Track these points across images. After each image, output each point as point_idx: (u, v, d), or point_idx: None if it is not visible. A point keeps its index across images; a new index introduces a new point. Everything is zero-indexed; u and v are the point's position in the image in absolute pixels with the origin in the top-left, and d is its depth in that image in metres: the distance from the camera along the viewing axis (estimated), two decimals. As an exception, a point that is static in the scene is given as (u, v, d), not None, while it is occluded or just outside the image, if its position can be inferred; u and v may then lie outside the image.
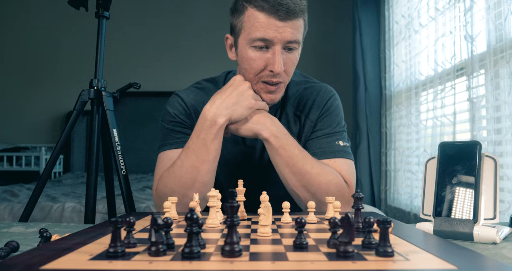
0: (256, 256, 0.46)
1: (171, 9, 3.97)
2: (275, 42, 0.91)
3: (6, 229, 0.84)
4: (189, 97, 1.10)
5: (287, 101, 1.11)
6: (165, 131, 1.08)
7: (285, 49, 0.94)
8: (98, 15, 1.28)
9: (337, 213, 0.75)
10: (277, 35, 0.91)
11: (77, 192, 2.50)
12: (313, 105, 1.09)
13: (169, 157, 1.03)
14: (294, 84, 1.12)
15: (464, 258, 0.46)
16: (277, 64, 0.92)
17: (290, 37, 0.91)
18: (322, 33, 3.88)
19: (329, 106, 1.10)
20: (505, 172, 1.56)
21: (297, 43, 0.94)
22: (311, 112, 1.09)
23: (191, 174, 0.93)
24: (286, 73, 0.97)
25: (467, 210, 0.69)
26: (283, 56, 0.94)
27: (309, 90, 1.12)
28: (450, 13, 2.05)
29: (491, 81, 1.66)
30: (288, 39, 0.91)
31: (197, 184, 0.93)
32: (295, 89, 1.12)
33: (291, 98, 1.11)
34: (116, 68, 3.46)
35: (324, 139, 1.06)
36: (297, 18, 0.92)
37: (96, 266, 0.42)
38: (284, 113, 1.11)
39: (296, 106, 1.11)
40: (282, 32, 0.91)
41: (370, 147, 2.99)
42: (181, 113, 1.08)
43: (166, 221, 0.48)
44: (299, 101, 1.11)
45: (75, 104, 1.24)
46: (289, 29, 0.91)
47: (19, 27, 4.09)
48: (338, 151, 1.04)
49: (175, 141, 1.05)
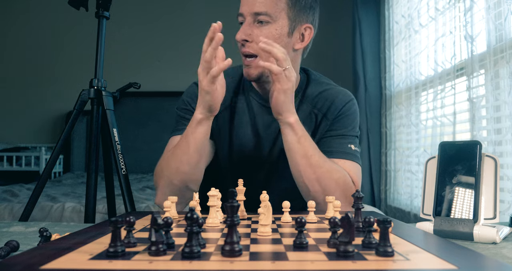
0: (256, 256, 0.46)
1: (171, 9, 3.97)
2: (245, 15, 1.00)
3: (6, 228, 0.84)
4: None
5: (305, 99, 1.12)
6: (177, 118, 1.13)
7: (258, 23, 0.99)
8: (98, 15, 1.28)
9: (337, 213, 0.75)
10: (246, 8, 0.99)
11: (77, 192, 2.50)
12: (332, 105, 1.11)
13: (174, 141, 1.06)
14: (315, 84, 1.14)
15: (464, 258, 0.46)
16: (238, 32, 1.00)
17: (256, 9, 0.98)
18: (322, 33, 3.87)
19: (347, 109, 1.11)
20: (505, 172, 1.56)
21: (266, 15, 0.98)
22: (329, 112, 1.10)
23: (175, 161, 0.98)
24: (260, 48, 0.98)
25: (467, 209, 0.69)
26: (255, 30, 0.99)
27: (329, 92, 1.13)
28: (450, 13, 2.05)
29: (491, 81, 1.66)
30: (255, 10, 0.98)
31: (179, 172, 0.98)
32: (315, 88, 1.13)
33: (309, 96, 1.12)
34: (116, 68, 3.46)
35: (337, 140, 1.08)
36: None
37: (96, 266, 0.42)
38: (301, 109, 1.11)
39: (314, 104, 1.12)
40: (250, 5, 0.99)
41: (370, 147, 2.99)
42: (193, 101, 1.08)
43: (166, 221, 0.48)
44: (318, 100, 1.12)
45: (75, 104, 1.24)
46: (256, 3, 0.98)
47: (19, 27, 4.09)
48: (349, 153, 1.06)
49: (183, 127, 1.06)
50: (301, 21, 1.03)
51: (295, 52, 1.06)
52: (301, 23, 1.03)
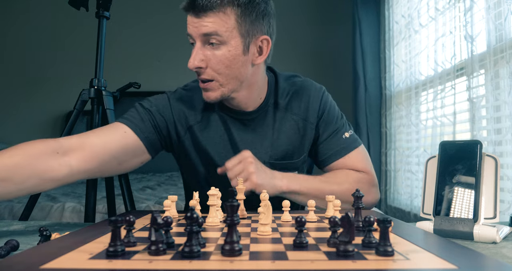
0: (256, 255, 0.46)
1: (171, 9, 3.96)
2: (194, 37, 0.93)
3: (6, 227, 0.84)
4: (177, 108, 1.06)
5: (278, 106, 1.07)
6: (135, 110, 1.04)
7: (209, 45, 0.93)
8: (98, 15, 1.29)
9: (337, 212, 0.75)
10: (194, 29, 0.92)
11: (77, 192, 2.50)
12: (309, 108, 1.07)
13: (117, 127, 0.99)
14: (283, 80, 1.10)
15: (464, 257, 0.46)
16: (190, 59, 0.93)
17: (205, 30, 0.90)
18: (322, 33, 3.88)
19: (325, 105, 1.09)
20: (505, 172, 1.56)
21: (216, 35, 0.91)
22: (309, 116, 1.07)
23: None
24: (214, 71, 0.94)
25: (467, 209, 0.69)
26: (208, 52, 0.93)
27: (300, 92, 1.08)
28: (450, 13, 2.04)
29: (491, 81, 1.66)
30: (203, 32, 0.91)
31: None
32: (285, 87, 1.09)
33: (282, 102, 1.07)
34: (116, 68, 3.46)
35: (331, 139, 1.08)
36: (214, 11, 0.90)
37: (96, 265, 0.42)
38: (278, 118, 1.07)
39: (290, 109, 1.07)
40: (198, 26, 0.91)
41: (370, 147, 2.99)
42: (158, 113, 1.03)
43: (166, 220, 0.48)
44: (292, 104, 1.07)
45: (75, 104, 1.25)
46: (204, 23, 0.90)
47: (19, 27, 4.09)
48: (347, 145, 1.08)
49: (134, 121, 1.00)
50: (256, 34, 0.95)
51: (255, 66, 0.99)
52: (256, 37, 0.95)
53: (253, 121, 1.05)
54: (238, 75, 0.95)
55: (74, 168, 0.89)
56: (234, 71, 0.94)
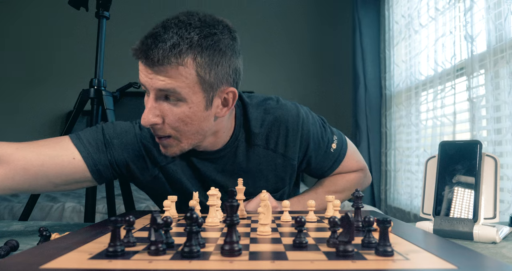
0: (256, 255, 0.46)
1: (171, 9, 3.97)
2: (148, 88, 0.80)
3: (6, 227, 0.84)
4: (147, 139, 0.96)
5: (252, 140, 0.96)
6: (92, 133, 0.93)
7: (166, 99, 0.80)
8: (98, 15, 1.29)
9: (337, 212, 0.75)
10: (148, 80, 0.79)
11: (77, 192, 2.50)
12: (287, 144, 0.97)
13: (61, 141, 0.89)
14: (253, 110, 0.98)
15: (464, 257, 0.46)
16: (143, 114, 0.80)
17: (161, 86, 0.77)
18: (322, 33, 3.88)
19: (307, 137, 0.99)
20: (505, 172, 1.56)
21: (175, 93, 0.78)
22: (289, 152, 0.98)
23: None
24: (172, 128, 0.82)
25: (467, 209, 0.69)
26: (164, 107, 0.80)
27: (275, 123, 0.96)
28: (450, 13, 2.05)
29: (491, 81, 1.66)
30: (158, 87, 0.78)
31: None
32: (256, 118, 0.96)
33: (254, 133, 0.95)
34: (116, 68, 3.46)
35: (323, 159, 1.04)
36: (171, 66, 0.76)
37: (95, 266, 0.42)
38: (252, 154, 0.97)
39: (265, 144, 0.97)
40: (152, 78, 0.78)
41: (370, 147, 2.99)
42: (117, 143, 0.93)
43: (166, 220, 0.48)
44: (268, 137, 0.97)
45: (75, 104, 1.25)
46: (161, 77, 0.77)
47: (19, 27, 4.09)
48: (337, 157, 1.05)
49: (84, 138, 0.90)
50: (221, 86, 0.82)
51: (218, 118, 0.87)
52: (221, 89, 0.82)
53: (222, 159, 0.95)
54: (199, 130, 0.84)
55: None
56: (195, 127, 0.83)
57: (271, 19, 3.83)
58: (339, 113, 3.61)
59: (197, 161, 0.96)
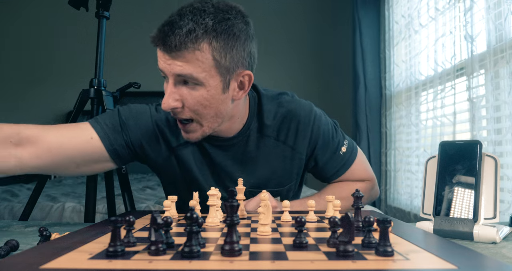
0: (256, 255, 0.46)
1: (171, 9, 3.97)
2: (167, 73, 0.84)
3: (6, 227, 0.84)
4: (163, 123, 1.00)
5: (264, 129, 0.99)
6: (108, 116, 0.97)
7: (184, 84, 0.84)
8: (98, 15, 1.28)
9: (337, 212, 0.75)
10: (166, 66, 0.82)
11: (77, 192, 2.50)
12: (297, 137, 1.00)
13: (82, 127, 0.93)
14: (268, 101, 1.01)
15: (464, 257, 0.46)
16: (164, 99, 0.84)
17: (179, 71, 0.81)
18: (322, 33, 3.88)
19: (317, 133, 1.01)
20: (505, 172, 1.56)
21: (192, 78, 0.81)
22: (298, 146, 1.00)
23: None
24: (192, 111, 0.85)
25: (467, 209, 0.69)
26: (184, 91, 0.84)
27: (288, 116, 0.99)
28: (450, 13, 2.05)
29: (491, 81, 1.66)
30: (177, 72, 0.81)
31: None
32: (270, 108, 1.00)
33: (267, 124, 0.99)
34: (116, 68, 3.46)
35: (330, 160, 1.04)
36: (188, 51, 0.79)
37: (95, 265, 0.42)
38: (262, 144, 1.00)
39: (276, 135, 1.00)
40: (171, 64, 0.81)
41: (370, 147, 2.99)
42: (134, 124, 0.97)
43: (166, 220, 0.48)
44: (279, 129, 1.00)
45: (75, 104, 1.25)
46: (178, 63, 0.81)
47: (19, 27, 4.09)
48: (346, 160, 1.06)
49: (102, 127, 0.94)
50: (237, 70, 0.85)
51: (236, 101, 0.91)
52: (236, 72, 0.86)
53: (233, 147, 0.98)
54: (217, 113, 0.88)
55: (24, 161, 0.85)
56: (214, 110, 0.87)
57: (271, 19, 3.83)
58: (339, 113, 3.61)
59: (209, 146, 0.99)
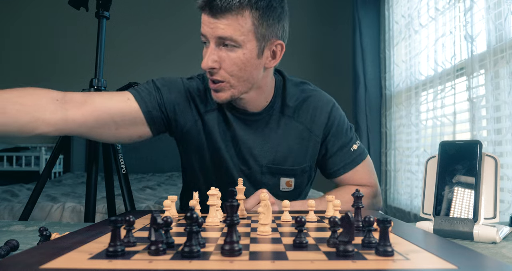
0: (256, 255, 0.46)
1: (171, 9, 3.97)
2: (209, 37, 0.92)
3: (6, 227, 0.84)
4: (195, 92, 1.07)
5: (285, 109, 1.07)
6: (147, 86, 1.04)
7: (224, 46, 0.92)
8: (98, 15, 1.28)
9: (337, 212, 0.75)
10: (209, 30, 0.91)
11: (77, 192, 2.50)
12: (315, 120, 1.07)
13: (122, 95, 0.99)
14: (292, 86, 1.09)
15: (464, 257, 0.46)
16: (203, 60, 0.92)
17: (220, 33, 0.89)
18: (322, 33, 3.88)
19: (333, 120, 1.08)
20: (505, 172, 1.56)
21: (232, 40, 0.90)
22: (314, 128, 1.07)
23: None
24: (227, 72, 0.93)
25: (467, 209, 0.69)
26: (222, 54, 0.92)
27: (309, 100, 1.08)
28: (450, 13, 2.05)
29: (491, 81, 1.66)
30: (219, 35, 0.89)
31: None
32: (293, 92, 1.08)
33: (289, 105, 1.07)
34: (116, 68, 3.46)
35: (339, 152, 1.09)
36: (232, 13, 0.88)
37: (95, 265, 0.42)
38: (282, 123, 1.07)
39: (296, 116, 1.07)
40: (213, 27, 0.90)
41: (370, 147, 2.99)
42: (169, 92, 1.04)
43: (166, 220, 0.48)
44: (299, 111, 1.07)
45: (75, 104, 1.24)
46: (221, 25, 0.89)
47: (19, 27, 4.09)
48: (355, 158, 1.10)
49: (143, 96, 1.00)
50: (271, 39, 0.94)
51: (266, 70, 1.00)
52: (271, 41, 0.94)
53: (256, 122, 1.05)
54: (249, 78, 0.95)
55: (70, 116, 0.90)
56: (247, 74, 0.94)
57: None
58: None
59: (233, 118, 1.05)
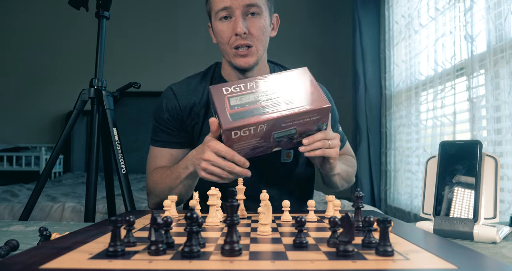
0: (256, 255, 0.46)
1: (171, 9, 3.97)
2: (234, 7, 1.00)
3: (6, 227, 0.84)
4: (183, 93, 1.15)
5: None
6: (154, 127, 1.16)
7: (248, 15, 1.02)
8: (98, 15, 1.28)
9: (337, 212, 0.75)
10: (235, 2, 0.99)
11: (77, 192, 2.50)
12: None
13: (154, 154, 1.15)
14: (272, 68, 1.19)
15: (464, 257, 0.46)
16: (238, 26, 1.00)
17: (248, 1, 0.99)
18: (322, 33, 3.87)
19: (328, 96, 1.18)
20: (505, 172, 1.56)
21: (256, 6, 1.01)
22: None
23: (165, 187, 1.04)
24: (255, 37, 1.03)
25: (467, 209, 0.69)
26: (248, 21, 1.02)
27: None
28: (450, 13, 2.04)
29: (491, 81, 1.66)
30: (246, 2, 0.99)
31: (172, 193, 1.02)
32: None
33: None
34: (116, 68, 3.46)
35: (333, 129, 1.15)
36: None
37: (96, 265, 0.42)
38: None
39: None
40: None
41: (370, 147, 2.99)
42: (171, 115, 1.12)
43: (166, 220, 0.48)
44: None
45: (75, 104, 1.24)
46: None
47: (19, 27, 4.09)
48: (342, 137, 1.22)
49: (158, 139, 1.14)
50: (272, 11, 1.11)
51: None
52: (272, 13, 1.11)
53: None
54: (265, 44, 1.08)
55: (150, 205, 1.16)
56: (266, 39, 1.07)
57: (271, 19, 3.83)
58: (339, 113, 3.61)
59: None
